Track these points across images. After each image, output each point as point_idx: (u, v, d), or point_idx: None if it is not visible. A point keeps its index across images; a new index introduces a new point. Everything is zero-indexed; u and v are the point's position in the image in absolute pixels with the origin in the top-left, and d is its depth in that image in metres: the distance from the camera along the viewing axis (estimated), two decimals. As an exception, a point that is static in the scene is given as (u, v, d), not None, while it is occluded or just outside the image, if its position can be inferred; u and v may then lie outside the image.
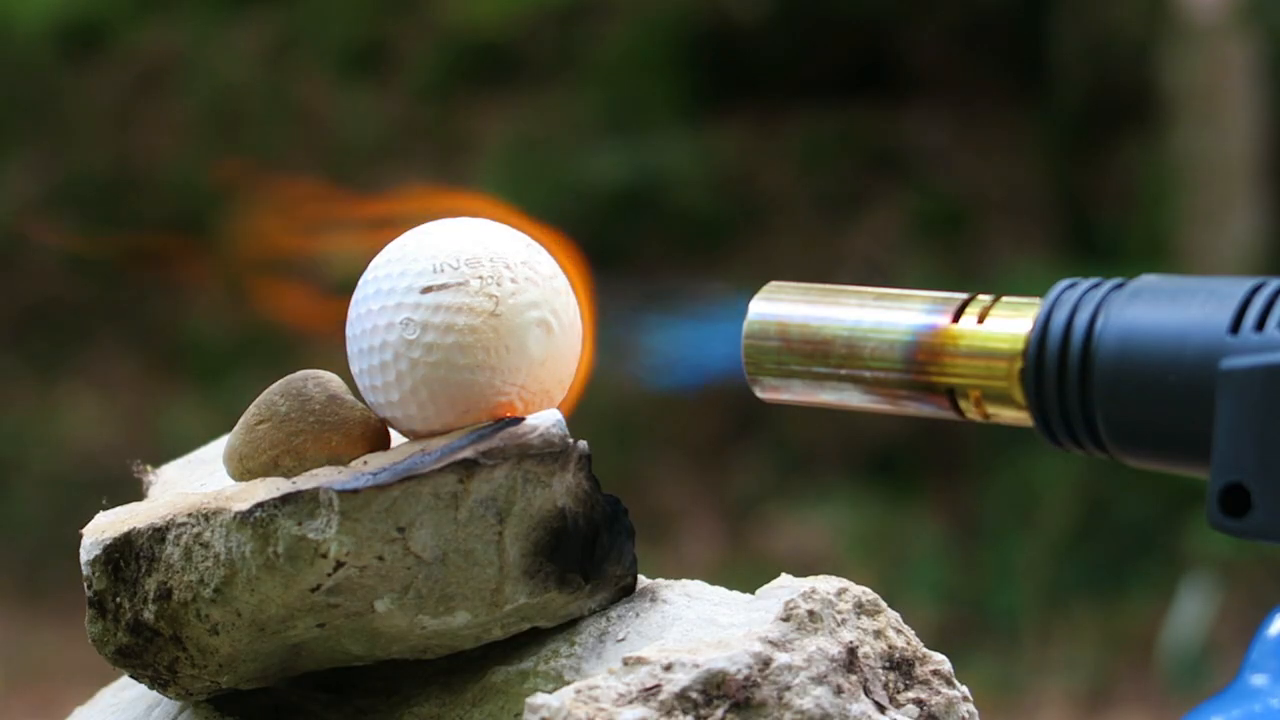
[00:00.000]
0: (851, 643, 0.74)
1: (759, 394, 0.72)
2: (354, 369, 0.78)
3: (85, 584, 0.76)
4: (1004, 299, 0.67)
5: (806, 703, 0.71)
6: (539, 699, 0.70)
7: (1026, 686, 3.08)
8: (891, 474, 3.65)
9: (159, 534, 0.75)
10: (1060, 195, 4.17)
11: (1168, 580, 3.07)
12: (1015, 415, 0.66)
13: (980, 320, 0.66)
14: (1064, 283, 0.65)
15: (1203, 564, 3.09)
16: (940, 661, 0.76)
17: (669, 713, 0.70)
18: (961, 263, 3.91)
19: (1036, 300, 0.65)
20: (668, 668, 0.71)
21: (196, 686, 0.77)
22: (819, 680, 0.72)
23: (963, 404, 0.67)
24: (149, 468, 0.87)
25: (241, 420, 0.78)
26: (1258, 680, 0.72)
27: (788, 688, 0.71)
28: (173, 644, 0.75)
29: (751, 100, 4.30)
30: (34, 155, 4.43)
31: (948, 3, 4.37)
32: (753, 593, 0.77)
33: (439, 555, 0.73)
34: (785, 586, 0.76)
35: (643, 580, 0.79)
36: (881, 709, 0.73)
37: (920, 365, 0.67)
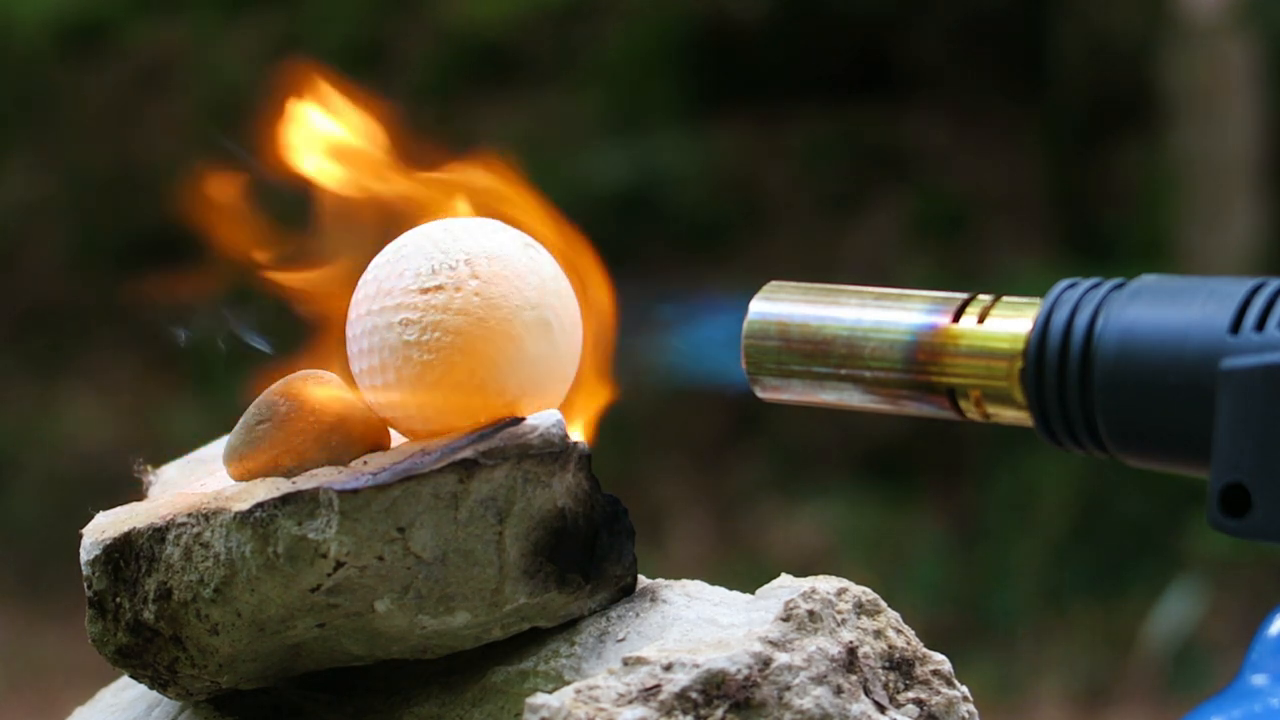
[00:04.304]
0: (851, 643, 0.74)
1: (759, 394, 0.72)
2: (354, 369, 0.78)
3: (85, 584, 0.76)
4: (1004, 299, 0.67)
5: (806, 703, 0.71)
6: (539, 699, 0.70)
7: (1025, 686, 3.08)
8: (891, 474, 3.65)
9: (159, 534, 0.75)
10: (1060, 195, 4.17)
11: (1166, 580, 3.08)
12: (1015, 415, 0.66)
13: (980, 320, 0.66)
14: (1064, 283, 0.65)
15: (1201, 564, 3.09)
16: (940, 661, 0.76)
17: (669, 713, 0.70)
18: (961, 263, 3.91)
19: (1036, 300, 0.65)
20: (668, 668, 0.71)
21: (196, 686, 0.77)
22: (819, 680, 0.72)
23: (963, 404, 0.67)
24: (149, 468, 0.87)
25: (241, 420, 0.78)
26: (1258, 680, 0.72)
27: (788, 688, 0.71)
28: (173, 644, 0.75)
29: (752, 100, 4.30)
30: (34, 155, 4.43)
31: (948, 3, 4.37)
32: (752, 593, 0.77)
33: (439, 555, 0.73)
34: (785, 586, 0.76)
35: (643, 580, 0.79)
36: (881, 709, 0.73)
37: (920, 365, 0.67)
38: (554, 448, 0.74)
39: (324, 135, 0.85)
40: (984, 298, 0.67)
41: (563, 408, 0.79)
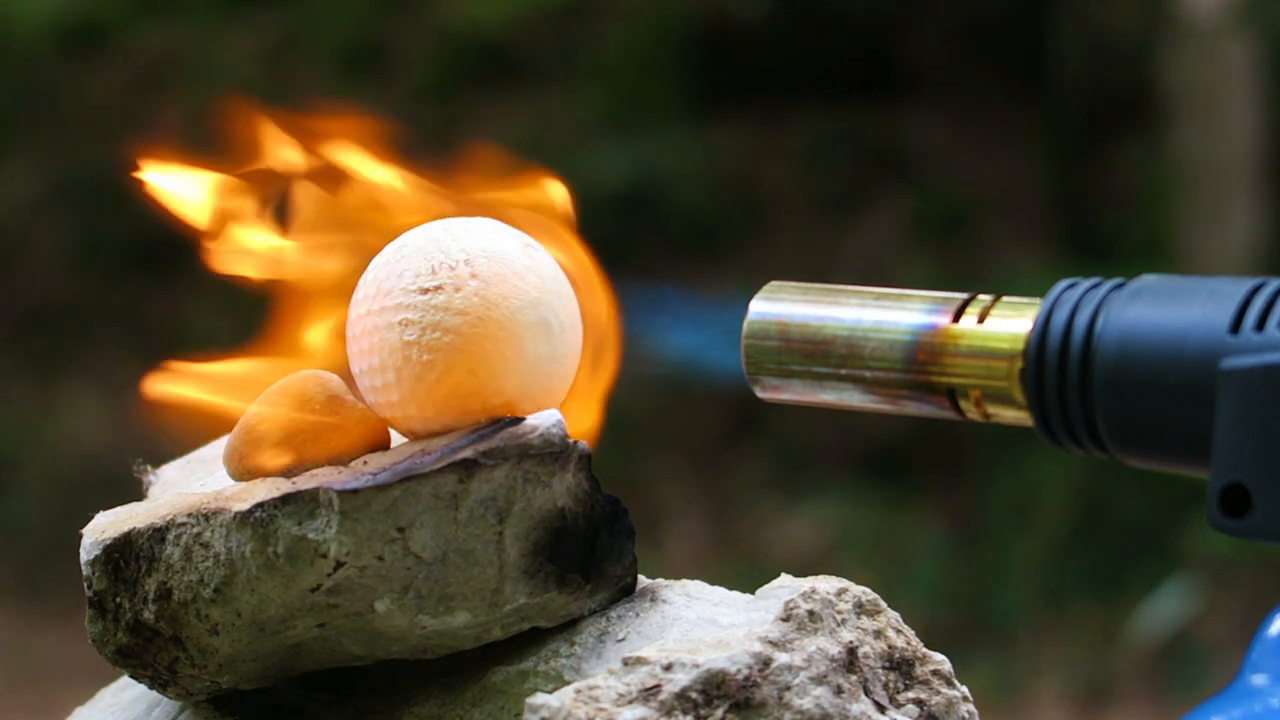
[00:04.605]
0: (851, 643, 0.74)
1: (759, 394, 0.72)
2: (354, 369, 0.78)
3: (85, 584, 0.76)
4: (1004, 299, 0.67)
5: (806, 703, 0.71)
6: (539, 699, 0.70)
7: (1025, 686, 3.08)
8: (891, 474, 3.64)
9: (159, 534, 0.75)
10: (1060, 195, 4.17)
11: (1166, 580, 3.08)
12: (1015, 415, 0.66)
13: (980, 320, 0.66)
14: (1064, 283, 0.65)
15: (1200, 563, 3.10)
16: (940, 661, 0.76)
17: (669, 713, 0.70)
18: (961, 263, 3.91)
19: (1036, 300, 0.65)
20: (668, 668, 0.71)
21: (196, 686, 0.77)
22: (819, 680, 0.72)
23: (963, 404, 0.67)
24: (149, 468, 0.87)
25: (241, 420, 0.78)
26: (1258, 680, 0.72)
27: (788, 688, 0.71)
28: (173, 644, 0.75)
29: (752, 100, 4.30)
30: (34, 155, 4.43)
31: (948, 3, 4.37)
32: (752, 593, 0.77)
33: (439, 555, 0.73)
34: (785, 586, 0.76)
35: (643, 580, 0.79)
36: (881, 709, 0.73)
37: (920, 365, 0.67)
38: (554, 448, 0.74)
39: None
40: (984, 298, 0.67)
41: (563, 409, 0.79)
